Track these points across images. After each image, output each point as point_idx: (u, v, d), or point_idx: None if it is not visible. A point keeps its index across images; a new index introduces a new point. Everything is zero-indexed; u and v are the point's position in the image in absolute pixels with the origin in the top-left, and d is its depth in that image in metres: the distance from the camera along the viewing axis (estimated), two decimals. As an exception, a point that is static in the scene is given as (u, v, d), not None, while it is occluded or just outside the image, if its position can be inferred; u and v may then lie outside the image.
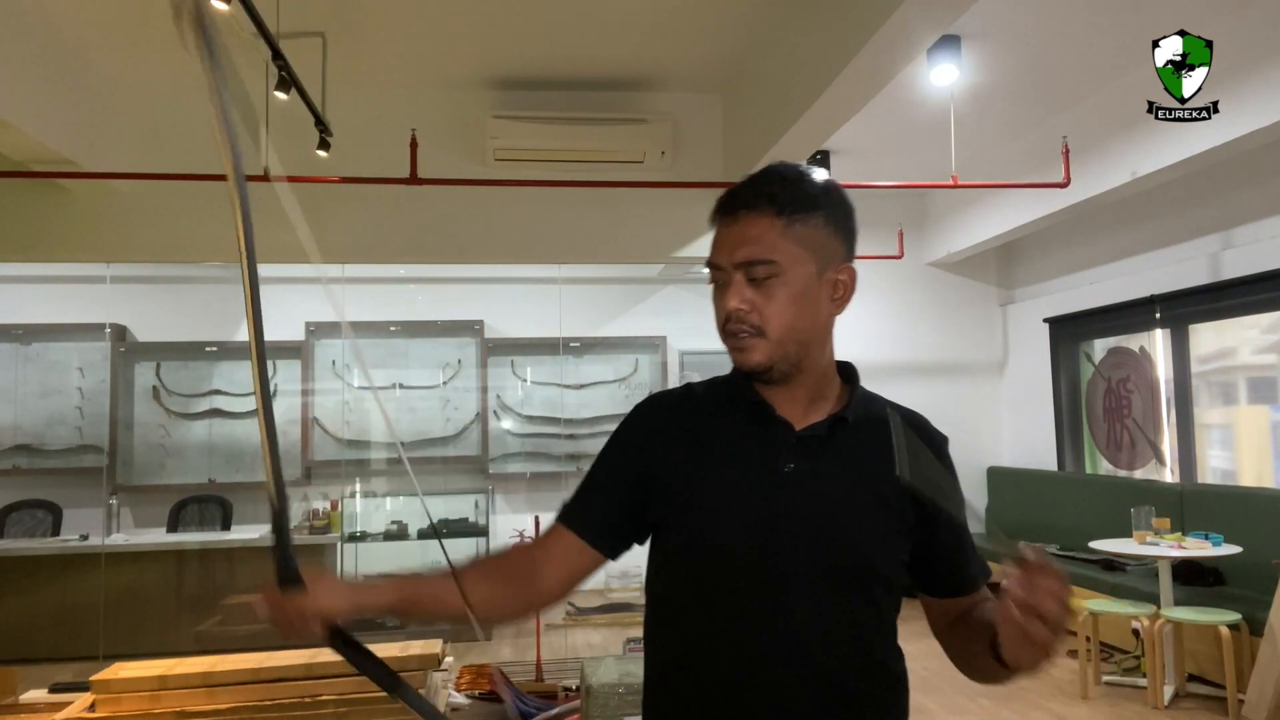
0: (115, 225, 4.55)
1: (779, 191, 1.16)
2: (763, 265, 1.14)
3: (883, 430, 1.16)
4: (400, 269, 7.28)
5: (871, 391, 1.30)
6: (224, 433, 7.10)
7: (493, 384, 7.41)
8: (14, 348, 6.90)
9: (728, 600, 1.17)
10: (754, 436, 1.20)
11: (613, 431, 1.30)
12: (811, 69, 3.66)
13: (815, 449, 1.19)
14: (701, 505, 1.20)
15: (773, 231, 1.15)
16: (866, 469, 1.19)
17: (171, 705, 1.43)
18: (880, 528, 1.18)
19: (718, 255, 1.18)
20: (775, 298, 1.15)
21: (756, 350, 1.16)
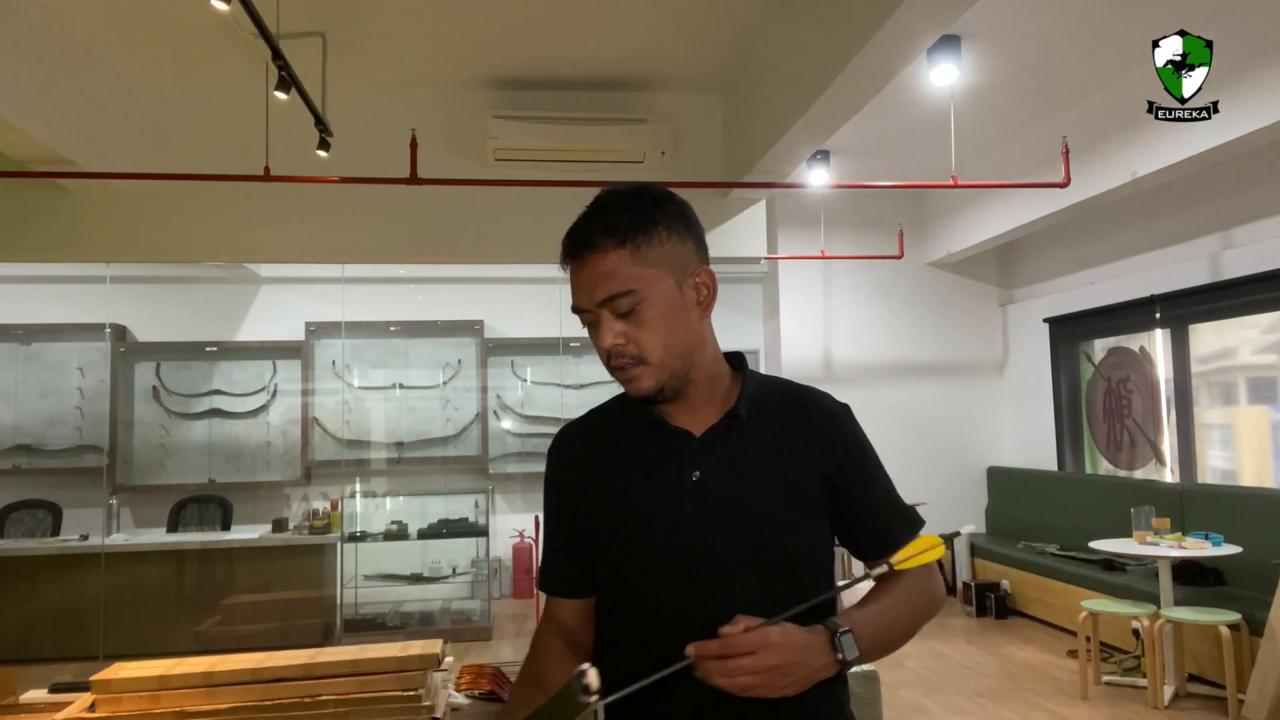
0: (115, 225, 4.55)
1: (615, 221, 1.18)
2: (623, 297, 1.16)
3: (782, 415, 1.26)
4: (400, 269, 7.28)
5: (764, 375, 1.33)
6: (224, 433, 7.11)
7: (493, 384, 7.41)
8: (14, 348, 6.90)
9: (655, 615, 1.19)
10: (657, 452, 1.24)
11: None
12: (811, 69, 3.65)
13: (717, 452, 1.22)
14: (618, 528, 1.23)
15: (622, 262, 1.16)
16: (770, 458, 1.22)
17: (171, 705, 1.43)
18: (793, 512, 1.21)
19: (578, 298, 1.20)
20: (645, 324, 1.17)
21: (644, 378, 1.19)
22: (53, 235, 4.51)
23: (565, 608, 1.31)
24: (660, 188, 1.26)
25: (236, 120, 4.45)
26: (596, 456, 1.30)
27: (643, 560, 1.21)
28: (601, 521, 1.25)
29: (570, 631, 1.30)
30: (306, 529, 6.18)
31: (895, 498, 1.32)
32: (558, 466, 1.35)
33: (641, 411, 1.26)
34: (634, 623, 1.23)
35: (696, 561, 1.18)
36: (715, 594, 1.17)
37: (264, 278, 7.36)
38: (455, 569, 6.75)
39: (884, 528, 1.29)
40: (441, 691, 1.62)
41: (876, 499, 1.29)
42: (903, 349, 7.54)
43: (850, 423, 1.31)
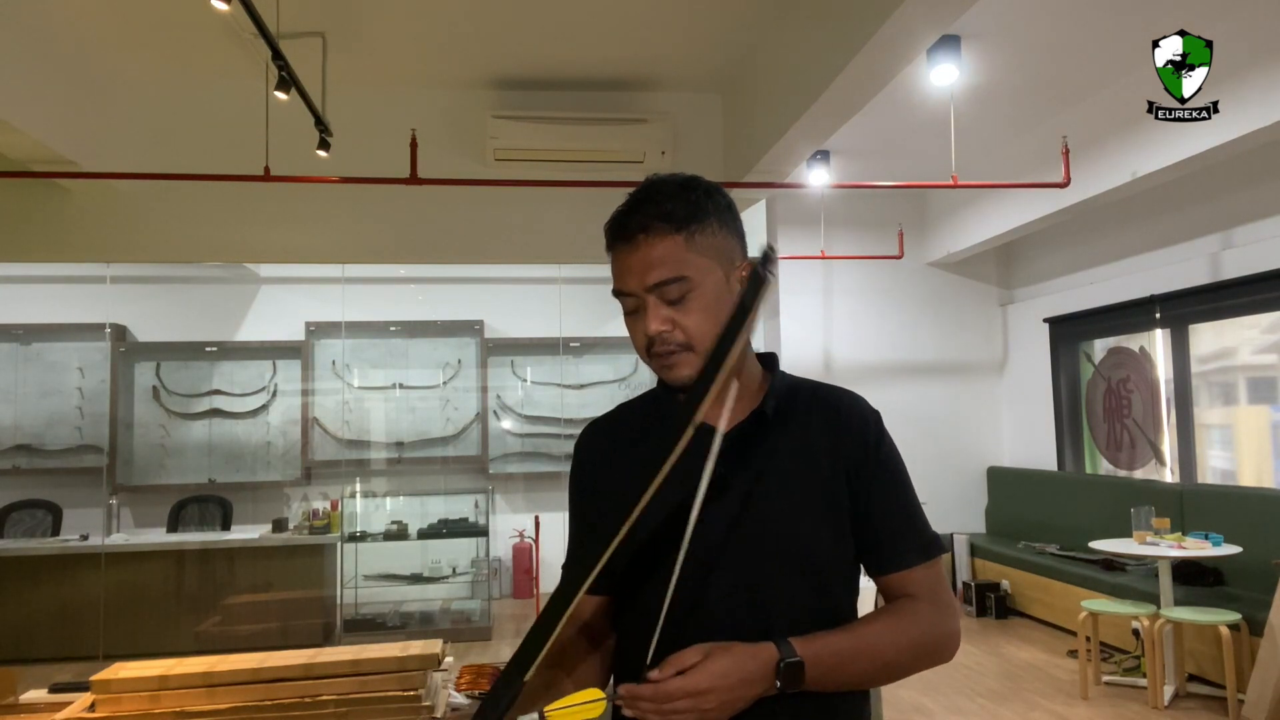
0: (115, 225, 4.55)
1: (672, 208, 1.17)
2: (675, 284, 1.16)
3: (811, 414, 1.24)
4: (400, 269, 7.28)
5: (796, 376, 1.31)
6: (224, 433, 7.11)
7: (493, 384, 7.41)
8: (14, 348, 6.90)
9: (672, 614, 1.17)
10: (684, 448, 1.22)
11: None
12: (811, 69, 3.66)
13: (743, 449, 1.21)
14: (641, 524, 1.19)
15: (676, 249, 1.16)
16: (796, 457, 1.21)
17: (171, 705, 1.43)
18: (816, 512, 1.19)
19: (626, 282, 1.19)
20: (693, 312, 1.16)
21: (686, 365, 1.17)
22: (53, 235, 4.51)
23: (586, 604, 1.29)
24: (709, 180, 1.25)
25: (236, 120, 4.45)
26: (620, 452, 1.28)
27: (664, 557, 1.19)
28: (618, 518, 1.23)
29: (591, 627, 1.29)
30: (306, 529, 6.18)
31: (915, 515, 1.26)
32: (582, 462, 1.33)
33: (669, 406, 1.24)
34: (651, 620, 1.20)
35: (715, 560, 1.17)
36: (733, 594, 1.17)
37: (264, 278, 7.36)
38: (455, 569, 6.75)
39: (890, 538, 1.24)
40: (441, 691, 1.62)
41: (891, 508, 1.24)
42: (903, 349, 7.54)
43: (879, 428, 1.27)
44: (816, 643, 1.13)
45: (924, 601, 1.21)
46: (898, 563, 1.22)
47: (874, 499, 1.22)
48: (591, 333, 7.49)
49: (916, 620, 1.20)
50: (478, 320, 7.35)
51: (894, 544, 1.23)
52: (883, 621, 1.20)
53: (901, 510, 1.24)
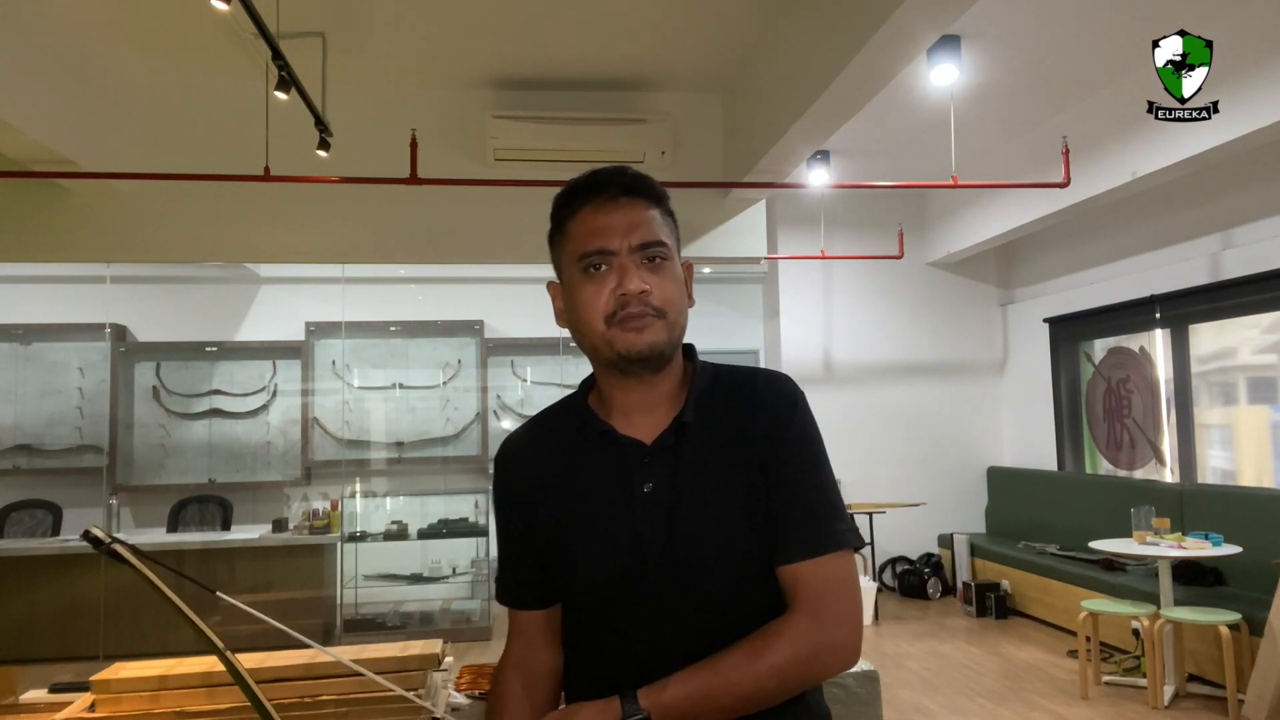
0: (115, 225, 4.55)
1: (644, 185, 1.19)
2: (660, 247, 1.16)
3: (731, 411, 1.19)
4: (400, 269, 7.28)
5: (714, 365, 1.26)
6: (224, 433, 7.10)
7: (493, 384, 7.41)
8: (14, 348, 6.90)
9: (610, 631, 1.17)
10: (607, 464, 1.19)
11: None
12: (811, 69, 3.66)
13: (668, 461, 1.16)
14: (570, 546, 1.18)
15: (656, 220, 1.18)
16: (722, 462, 1.16)
17: (171, 705, 1.43)
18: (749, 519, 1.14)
19: (607, 240, 1.14)
20: (668, 280, 1.16)
21: (655, 330, 1.14)
22: (53, 235, 4.51)
23: (527, 620, 1.27)
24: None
25: (236, 120, 4.45)
26: (543, 468, 1.23)
27: (593, 577, 1.17)
28: (553, 535, 1.20)
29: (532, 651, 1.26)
30: (306, 529, 6.18)
31: (815, 503, 1.15)
32: (503, 479, 1.28)
33: (591, 420, 1.21)
34: (591, 638, 1.19)
35: (649, 577, 1.13)
36: (668, 611, 1.13)
37: (264, 278, 7.36)
38: (455, 569, 6.75)
39: (783, 528, 1.14)
40: (441, 691, 1.62)
41: (790, 495, 1.14)
42: (903, 349, 7.53)
43: (793, 408, 1.19)
44: (668, 689, 1.06)
45: (800, 613, 1.10)
46: (784, 555, 1.13)
47: (776, 485, 1.14)
48: (591, 333, 7.48)
49: (781, 641, 1.09)
50: (478, 320, 7.35)
51: (785, 534, 1.13)
52: (740, 651, 1.08)
53: (799, 497, 1.15)
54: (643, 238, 1.15)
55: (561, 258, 1.22)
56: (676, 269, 1.19)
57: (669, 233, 1.19)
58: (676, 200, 1.28)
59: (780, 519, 1.14)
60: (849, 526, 1.16)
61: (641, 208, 1.17)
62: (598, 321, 1.15)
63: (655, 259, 1.16)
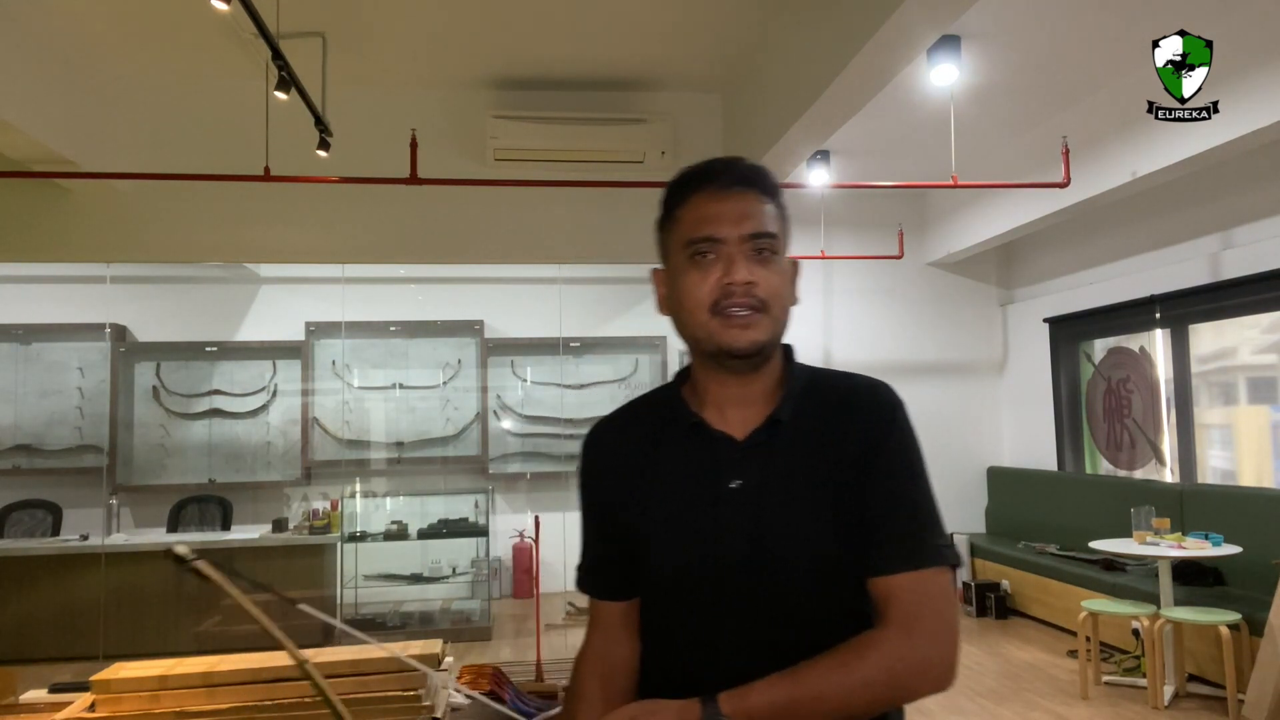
0: (115, 225, 4.55)
1: (758, 176, 1.17)
2: (771, 240, 1.13)
3: (828, 413, 1.16)
4: (400, 269, 7.28)
5: (813, 368, 1.23)
6: (224, 433, 7.10)
7: (493, 384, 7.41)
8: (14, 348, 6.90)
9: (688, 629, 1.15)
10: (697, 458, 1.17)
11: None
12: (811, 69, 3.66)
13: (759, 458, 1.15)
14: (655, 539, 1.17)
15: (769, 212, 1.15)
16: (814, 464, 1.14)
17: (171, 705, 1.43)
18: (833, 524, 1.11)
19: (717, 227, 1.12)
20: (774, 274, 1.14)
21: (759, 327, 1.12)
22: (53, 235, 4.51)
23: (607, 609, 1.25)
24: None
25: (236, 120, 4.45)
26: (633, 457, 1.21)
27: (676, 571, 1.15)
28: (636, 527, 1.19)
29: (611, 645, 1.24)
30: (306, 529, 6.18)
31: (913, 515, 1.12)
32: (590, 465, 1.27)
33: (682, 411, 1.19)
34: (669, 633, 1.18)
35: (729, 577, 1.12)
36: (747, 609, 1.12)
37: (264, 278, 7.36)
38: (455, 569, 6.75)
39: (877, 538, 1.11)
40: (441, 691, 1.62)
41: (886, 504, 1.12)
42: (903, 349, 7.53)
43: (893, 417, 1.16)
44: (751, 695, 1.03)
45: (893, 625, 1.07)
46: (878, 565, 1.10)
47: (872, 494, 1.12)
48: (591, 333, 7.48)
49: (872, 654, 1.05)
50: (478, 320, 7.35)
51: (880, 545, 1.10)
52: (829, 661, 1.05)
53: (896, 508, 1.12)
54: (753, 228, 1.13)
55: (669, 244, 1.19)
56: (784, 264, 1.16)
57: (780, 227, 1.16)
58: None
59: (875, 529, 1.11)
60: (947, 542, 1.13)
61: (755, 198, 1.14)
62: (701, 311, 1.13)
63: (763, 251, 1.13)
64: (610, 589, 1.25)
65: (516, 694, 1.71)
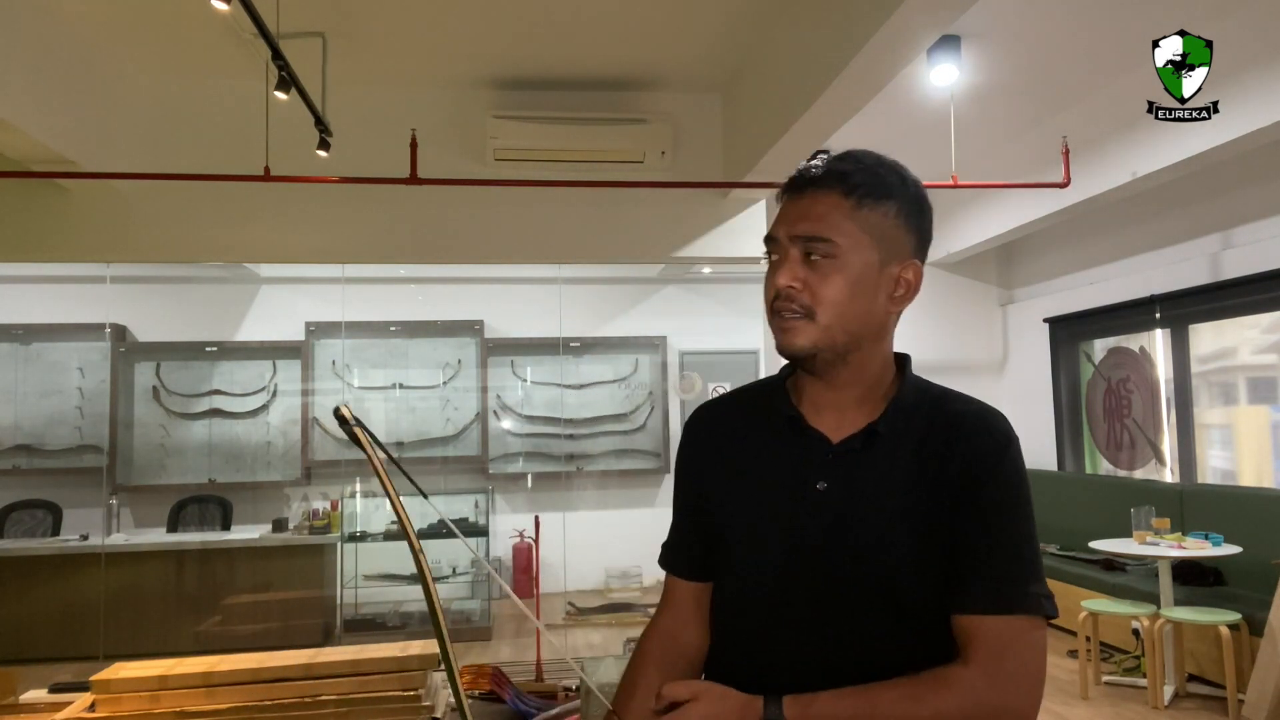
0: (115, 225, 4.55)
1: (852, 171, 1.11)
2: (821, 243, 1.08)
3: (931, 433, 1.11)
4: (400, 269, 7.28)
5: (929, 384, 1.19)
6: (224, 433, 7.11)
7: (493, 384, 7.41)
8: (14, 348, 6.90)
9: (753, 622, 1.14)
10: (787, 453, 1.15)
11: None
12: (811, 69, 3.65)
13: (849, 464, 1.11)
14: (735, 527, 1.17)
15: (838, 211, 1.09)
16: (904, 481, 1.10)
17: (171, 705, 1.43)
18: (914, 544, 1.07)
19: (775, 228, 1.12)
20: (830, 280, 1.08)
21: (802, 333, 1.09)
22: (53, 235, 4.51)
23: (681, 589, 1.24)
24: (915, 176, 1.18)
25: (236, 120, 4.45)
26: (728, 442, 1.21)
27: (750, 562, 1.14)
28: (719, 513, 1.19)
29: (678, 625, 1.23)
30: (306, 529, 6.18)
31: (1010, 557, 1.05)
32: (690, 444, 1.26)
33: (782, 403, 1.17)
34: (737, 628, 1.17)
35: (799, 577, 1.10)
36: (815, 614, 1.09)
37: (264, 278, 7.36)
38: (455, 569, 6.75)
39: (967, 574, 1.05)
40: (441, 691, 1.62)
41: (981, 541, 1.06)
42: (902, 349, 7.50)
43: (1002, 453, 1.10)
44: (815, 704, 1.01)
45: (975, 666, 1.01)
46: (968, 602, 1.04)
47: (972, 528, 1.06)
48: (591, 333, 7.49)
49: (949, 693, 1.00)
50: (478, 320, 7.35)
51: (969, 581, 1.05)
52: (903, 690, 1.01)
53: (994, 546, 1.05)
54: (804, 230, 1.09)
55: None
56: (849, 271, 1.08)
57: (858, 229, 1.09)
58: (675, 200, 1.26)
59: (971, 564, 1.05)
60: (1046, 593, 1.06)
61: (825, 199, 1.09)
62: (767, 310, 1.13)
63: (812, 255, 1.09)
64: (687, 568, 1.24)
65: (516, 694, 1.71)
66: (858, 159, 1.14)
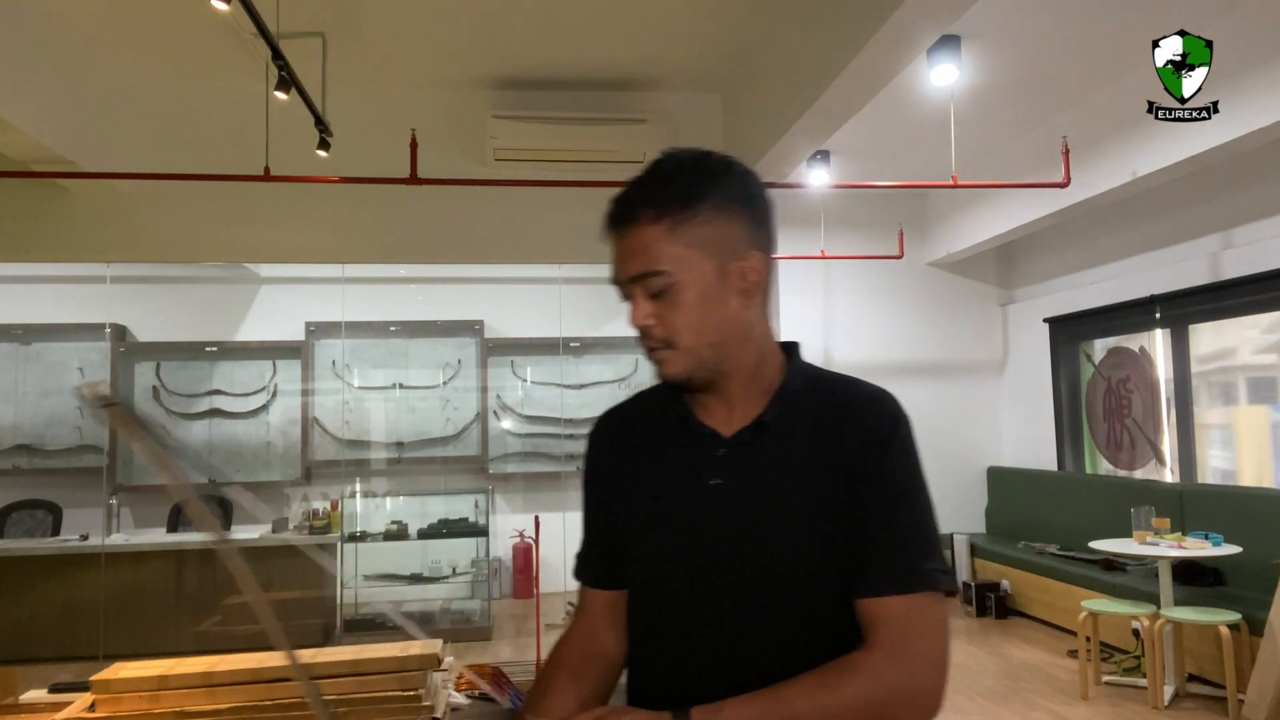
0: (115, 225, 4.55)
1: (658, 193, 1.08)
2: (654, 277, 1.07)
3: (821, 418, 1.12)
4: (400, 269, 7.28)
5: (816, 370, 1.19)
6: (224, 433, 7.11)
7: (493, 384, 7.41)
8: (14, 348, 6.90)
9: (662, 623, 1.15)
10: (681, 452, 1.16)
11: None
12: (811, 69, 3.66)
13: (743, 457, 1.12)
14: (635, 532, 1.17)
15: (656, 239, 1.07)
16: (798, 470, 1.10)
17: (171, 705, 1.43)
18: (813, 534, 1.08)
19: (614, 270, 1.12)
20: (677, 306, 1.08)
21: (672, 363, 1.10)
22: (53, 235, 4.51)
23: (593, 599, 1.25)
24: (722, 158, 1.13)
25: (236, 120, 4.45)
26: (628, 445, 1.22)
27: (654, 566, 1.15)
28: (622, 516, 1.19)
29: (593, 632, 1.23)
30: (306, 529, 6.18)
31: (908, 537, 1.07)
32: (592, 451, 1.27)
33: (675, 403, 1.17)
34: (650, 633, 1.17)
35: (703, 576, 1.10)
36: (722, 612, 1.10)
37: (264, 278, 7.36)
38: (455, 569, 6.75)
39: (869, 558, 1.06)
40: (441, 691, 1.62)
41: (879, 523, 1.07)
42: (903, 349, 7.53)
43: (893, 431, 1.11)
44: (724, 713, 0.99)
45: (879, 649, 1.02)
46: (868, 586, 1.05)
47: (865, 512, 1.07)
48: (591, 333, 7.48)
49: (857, 678, 1.01)
50: (478, 320, 7.35)
51: (870, 565, 1.05)
52: (811, 682, 1.01)
53: (890, 527, 1.07)
54: (636, 270, 1.09)
55: None
56: (691, 290, 1.07)
57: (682, 248, 1.07)
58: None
59: (868, 548, 1.06)
60: (943, 568, 1.08)
61: (640, 232, 1.08)
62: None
63: (652, 290, 1.09)
64: (598, 577, 1.24)
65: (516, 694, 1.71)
66: (659, 173, 1.11)
